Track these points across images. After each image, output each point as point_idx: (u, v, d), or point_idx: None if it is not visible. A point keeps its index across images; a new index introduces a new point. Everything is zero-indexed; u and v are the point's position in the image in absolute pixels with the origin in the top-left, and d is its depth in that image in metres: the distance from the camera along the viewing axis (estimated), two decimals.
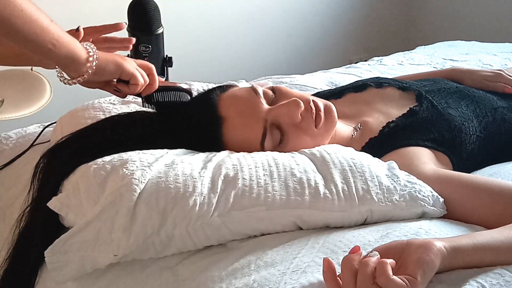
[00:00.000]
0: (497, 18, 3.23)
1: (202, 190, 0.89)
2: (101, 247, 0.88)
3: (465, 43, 2.23)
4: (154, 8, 1.55)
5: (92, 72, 0.95)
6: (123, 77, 1.00)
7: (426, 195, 0.92)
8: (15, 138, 1.32)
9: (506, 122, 1.21)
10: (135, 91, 1.03)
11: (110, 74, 0.99)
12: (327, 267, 0.71)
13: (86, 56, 0.94)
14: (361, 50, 3.56)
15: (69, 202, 0.95)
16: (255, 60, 3.18)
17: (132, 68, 1.00)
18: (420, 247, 0.70)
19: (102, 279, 0.91)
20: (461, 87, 1.29)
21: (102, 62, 0.96)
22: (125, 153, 0.98)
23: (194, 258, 0.89)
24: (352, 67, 1.96)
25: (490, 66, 1.83)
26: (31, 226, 1.00)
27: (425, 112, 1.17)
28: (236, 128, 1.05)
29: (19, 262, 0.99)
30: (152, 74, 1.05)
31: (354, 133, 1.17)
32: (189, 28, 2.87)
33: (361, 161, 0.95)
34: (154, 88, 1.06)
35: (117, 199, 0.88)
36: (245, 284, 0.77)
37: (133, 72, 1.00)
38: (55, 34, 0.89)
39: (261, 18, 3.16)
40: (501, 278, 0.73)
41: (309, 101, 1.08)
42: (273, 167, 0.93)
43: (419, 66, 1.93)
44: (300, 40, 3.34)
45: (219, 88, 1.14)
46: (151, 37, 1.57)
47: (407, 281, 0.66)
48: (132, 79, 1.01)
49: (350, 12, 3.49)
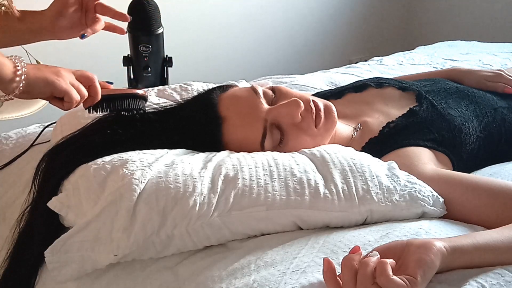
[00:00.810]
0: (497, 18, 3.23)
1: (202, 190, 0.89)
2: (101, 247, 0.88)
3: (465, 43, 2.24)
4: (154, 8, 1.56)
5: (19, 92, 0.90)
6: (55, 95, 0.95)
7: (426, 195, 0.92)
8: (15, 138, 1.32)
9: (506, 122, 1.21)
10: (70, 108, 0.97)
11: (40, 92, 0.94)
12: (327, 267, 0.71)
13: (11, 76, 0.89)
14: (361, 50, 3.56)
15: (69, 202, 0.95)
16: (255, 60, 3.18)
17: (65, 85, 0.93)
18: (420, 247, 0.70)
19: (102, 279, 0.91)
20: (461, 87, 1.29)
21: (31, 81, 0.91)
22: (125, 153, 0.98)
23: (194, 258, 0.89)
24: (352, 67, 1.96)
25: (490, 66, 1.83)
26: (31, 226, 1.00)
27: (425, 112, 1.17)
28: (236, 128, 1.05)
29: (19, 262, 0.99)
30: (93, 85, 0.99)
31: (354, 133, 1.17)
32: (189, 28, 2.87)
33: (361, 161, 0.95)
34: (96, 100, 1.00)
35: (117, 199, 0.88)
36: (245, 284, 0.77)
37: (66, 89, 0.93)
38: None
39: (261, 18, 3.16)
40: (501, 278, 0.73)
41: (309, 101, 1.08)
42: (273, 167, 0.93)
43: (419, 66, 1.93)
44: (300, 40, 3.34)
45: (219, 88, 1.14)
46: (151, 37, 1.57)
47: (407, 281, 0.66)
48: (65, 96, 0.94)
49: (350, 12, 3.49)
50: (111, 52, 1.96)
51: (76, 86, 0.96)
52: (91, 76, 0.99)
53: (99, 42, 2.22)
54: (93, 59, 2.57)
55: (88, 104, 1.00)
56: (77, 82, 0.96)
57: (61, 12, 1.10)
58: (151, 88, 1.39)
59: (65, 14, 1.10)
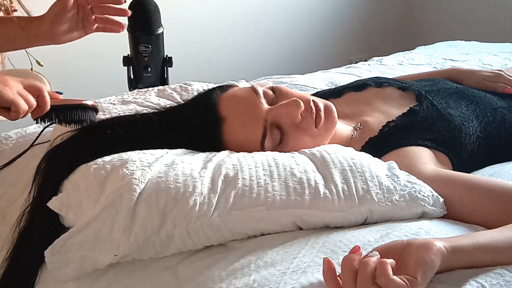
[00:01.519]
0: (497, 18, 3.23)
1: (202, 190, 0.89)
2: (101, 247, 0.88)
3: (465, 43, 2.23)
4: (154, 8, 1.56)
5: None
6: (2, 105, 0.93)
7: (426, 195, 0.92)
8: (15, 138, 1.32)
9: (506, 122, 1.21)
10: (17, 118, 0.95)
11: None
12: (327, 267, 0.71)
13: None
14: (361, 50, 3.56)
15: (69, 202, 0.95)
16: (255, 60, 3.18)
17: (11, 94, 0.92)
18: (420, 247, 0.70)
19: (102, 279, 0.91)
20: (461, 87, 1.29)
21: None
22: (125, 153, 0.98)
23: (194, 258, 0.89)
24: (352, 67, 1.96)
25: (490, 66, 1.83)
26: (31, 226, 1.00)
27: (425, 112, 1.17)
28: (236, 128, 1.05)
29: (19, 262, 0.99)
30: (41, 95, 0.97)
31: (354, 133, 1.17)
32: (189, 28, 2.87)
33: (361, 161, 0.95)
34: (44, 110, 0.98)
35: (117, 199, 0.88)
36: (245, 284, 0.77)
37: (12, 99, 0.92)
38: None
39: (261, 18, 3.16)
40: (501, 278, 0.73)
41: (309, 101, 1.08)
42: (273, 167, 0.93)
43: (419, 66, 1.93)
44: (300, 40, 3.34)
45: (219, 88, 1.14)
46: (151, 37, 1.57)
47: (407, 281, 0.66)
48: (12, 106, 0.93)
49: (350, 12, 3.49)
50: (111, 52, 1.96)
51: (23, 96, 0.94)
52: (40, 86, 0.97)
53: (99, 42, 2.23)
54: (93, 59, 2.57)
55: (37, 114, 0.98)
56: (24, 92, 0.94)
57: (60, 16, 1.11)
58: (151, 88, 1.39)
59: (64, 18, 1.12)
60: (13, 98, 0.92)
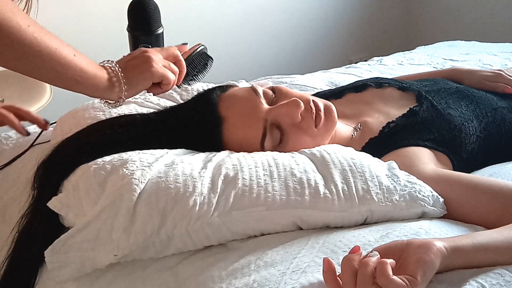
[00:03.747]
0: (497, 18, 3.23)
1: (202, 190, 0.89)
2: (101, 247, 0.88)
3: (465, 43, 2.23)
4: (154, 8, 1.56)
5: (125, 96, 0.94)
6: (154, 81, 0.98)
7: (426, 195, 0.92)
8: (15, 138, 1.32)
9: (506, 122, 1.21)
10: (168, 89, 1.01)
11: (142, 86, 0.98)
12: (327, 267, 0.71)
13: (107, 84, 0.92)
14: (361, 50, 3.56)
15: (69, 202, 0.95)
16: (255, 60, 3.18)
17: (160, 69, 0.97)
18: (420, 247, 0.70)
19: (102, 279, 0.91)
20: (461, 87, 1.29)
21: (131, 81, 0.94)
22: (125, 153, 0.98)
23: (194, 258, 0.89)
24: (352, 67, 1.96)
25: (490, 66, 1.83)
26: (31, 226, 1.00)
27: (425, 112, 1.17)
28: (236, 128, 1.05)
29: (19, 262, 0.99)
30: (179, 61, 1.02)
31: (354, 133, 1.17)
32: (189, 28, 2.87)
33: (361, 161, 0.95)
34: (184, 74, 1.03)
35: (117, 199, 0.88)
36: (245, 284, 0.77)
37: (162, 73, 0.97)
38: (77, 70, 0.87)
39: (261, 18, 3.15)
40: (501, 278, 0.73)
41: (309, 101, 1.08)
42: (273, 167, 0.93)
43: (419, 66, 1.92)
44: (300, 40, 3.34)
45: (219, 88, 1.14)
46: (151, 37, 1.57)
47: (407, 281, 0.66)
48: (163, 80, 0.98)
49: (350, 12, 3.49)
50: (111, 52, 1.96)
51: (168, 67, 0.99)
52: (176, 53, 1.02)
53: (99, 42, 2.23)
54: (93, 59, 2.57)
55: (180, 80, 1.02)
56: (167, 62, 0.99)
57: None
58: None
59: None
60: (162, 73, 0.97)
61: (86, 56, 0.90)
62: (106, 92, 0.93)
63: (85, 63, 0.89)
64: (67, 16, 2.43)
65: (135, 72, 0.96)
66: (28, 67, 0.84)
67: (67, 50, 0.86)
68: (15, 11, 0.79)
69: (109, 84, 0.92)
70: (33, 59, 0.82)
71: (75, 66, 0.87)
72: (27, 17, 0.81)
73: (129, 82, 0.94)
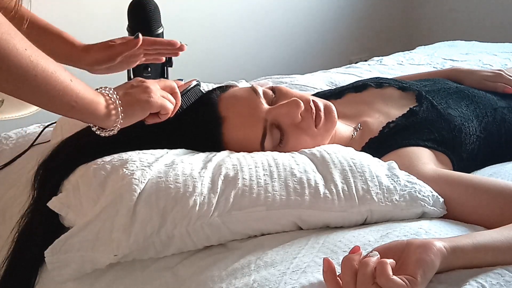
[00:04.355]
0: (497, 18, 3.23)
1: (202, 190, 0.89)
2: (101, 247, 0.88)
3: (465, 43, 2.23)
4: (154, 8, 1.56)
5: (120, 124, 0.93)
6: (152, 111, 0.97)
7: (426, 195, 0.92)
8: (15, 138, 1.32)
9: (506, 122, 1.21)
10: (166, 118, 1.00)
11: (140, 116, 0.96)
12: (327, 267, 0.71)
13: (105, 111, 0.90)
14: (361, 50, 3.56)
15: (69, 202, 0.95)
16: (255, 60, 3.18)
17: (159, 100, 0.96)
18: (420, 247, 0.70)
19: (102, 279, 0.91)
20: (461, 87, 1.29)
21: (127, 110, 0.93)
22: (125, 153, 0.98)
23: (194, 258, 0.89)
24: (352, 67, 1.96)
25: (490, 66, 1.83)
26: (31, 226, 1.00)
27: (425, 112, 1.17)
28: (236, 128, 1.05)
29: (19, 262, 0.99)
30: (175, 93, 1.02)
31: (354, 133, 1.17)
32: (189, 28, 2.87)
33: (361, 161, 0.95)
34: (178, 106, 1.03)
35: (117, 199, 0.88)
36: (245, 284, 0.77)
37: (161, 104, 0.96)
38: (73, 95, 0.85)
39: (261, 18, 3.16)
40: (501, 278, 0.73)
41: (309, 101, 1.08)
42: (273, 167, 0.93)
43: (419, 66, 1.93)
44: (300, 40, 3.34)
45: (219, 88, 1.14)
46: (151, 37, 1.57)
47: (407, 281, 0.66)
48: (161, 110, 0.97)
49: (350, 12, 3.49)
50: None
51: (166, 97, 0.98)
52: (173, 84, 1.02)
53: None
54: None
55: (174, 112, 1.01)
56: (165, 93, 0.98)
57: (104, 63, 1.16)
58: None
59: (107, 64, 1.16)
60: (161, 103, 0.96)
61: (82, 81, 0.87)
62: (102, 119, 0.90)
63: (82, 89, 0.86)
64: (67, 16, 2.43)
65: (134, 101, 0.94)
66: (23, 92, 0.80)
67: (64, 75, 0.83)
68: (12, 33, 0.75)
69: (106, 111, 0.90)
70: (29, 83, 0.79)
71: (72, 92, 0.84)
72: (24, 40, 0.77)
73: (126, 111, 0.92)
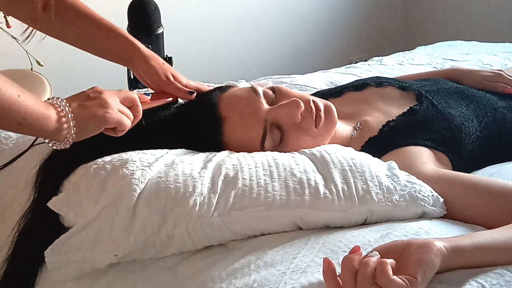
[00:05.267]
0: (497, 18, 3.23)
1: (202, 190, 0.89)
2: (101, 247, 0.88)
3: (465, 43, 2.23)
4: (154, 8, 1.56)
5: (72, 139, 0.88)
6: (108, 127, 0.92)
7: (426, 195, 0.92)
8: (15, 138, 1.32)
9: (506, 122, 1.21)
10: (122, 134, 0.95)
11: (94, 131, 0.91)
12: (327, 267, 0.71)
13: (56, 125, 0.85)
14: (361, 50, 3.56)
15: (69, 202, 0.95)
16: (255, 60, 3.18)
17: (116, 115, 0.91)
18: (420, 247, 0.70)
19: (102, 279, 0.91)
20: (461, 87, 1.29)
21: (81, 124, 0.88)
22: (125, 153, 0.98)
23: (194, 258, 0.89)
24: (352, 67, 1.96)
25: (490, 66, 1.83)
26: (31, 226, 1.00)
27: (425, 111, 1.17)
28: (236, 128, 1.05)
29: (19, 262, 0.99)
30: (135, 105, 0.97)
31: (354, 133, 1.17)
32: (189, 28, 2.87)
33: (361, 161, 0.95)
34: (138, 119, 0.98)
35: (117, 199, 0.88)
36: (245, 284, 0.77)
37: (117, 120, 0.91)
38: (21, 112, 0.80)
39: (261, 18, 3.15)
40: (501, 278, 0.73)
41: (309, 101, 1.08)
42: (273, 167, 0.93)
43: (419, 66, 1.92)
44: (300, 40, 3.34)
45: (219, 88, 1.14)
46: (151, 37, 1.57)
47: (407, 281, 0.66)
48: (118, 126, 0.92)
49: (350, 12, 3.49)
50: None
51: (124, 112, 0.93)
52: (133, 97, 0.97)
53: None
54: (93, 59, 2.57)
55: (132, 125, 0.97)
56: (123, 107, 0.94)
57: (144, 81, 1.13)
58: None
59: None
60: (118, 119, 0.91)
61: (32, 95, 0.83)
62: (52, 134, 0.86)
63: (31, 104, 0.81)
64: None
65: (89, 116, 0.89)
66: None
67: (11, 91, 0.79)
68: None
69: (57, 125, 0.85)
70: None
71: (19, 108, 0.80)
72: None
73: (79, 126, 0.88)
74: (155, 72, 1.10)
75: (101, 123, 0.90)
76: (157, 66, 1.11)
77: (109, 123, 0.91)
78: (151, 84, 1.12)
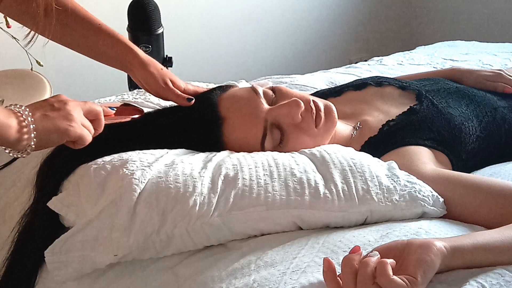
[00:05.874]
0: (497, 18, 3.23)
1: (202, 190, 0.89)
2: (101, 247, 0.88)
3: (465, 43, 2.23)
4: (154, 8, 1.56)
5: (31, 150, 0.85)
6: (70, 139, 0.90)
7: (426, 195, 0.92)
8: None
9: (506, 122, 1.21)
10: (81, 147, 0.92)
11: (54, 143, 0.90)
12: (327, 267, 0.71)
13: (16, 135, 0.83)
14: (361, 50, 3.56)
15: (69, 202, 0.95)
16: (255, 60, 3.18)
17: (78, 130, 0.89)
18: (420, 247, 0.70)
19: (102, 279, 0.91)
20: (461, 87, 1.29)
21: (42, 135, 0.85)
22: (125, 153, 0.98)
23: (194, 258, 0.89)
24: (352, 67, 1.96)
25: (490, 66, 1.82)
26: (31, 226, 1.00)
27: (426, 111, 1.17)
28: (236, 128, 1.05)
29: (19, 262, 0.99)
30: (98, 119, 0.95)
31: (354, 132, 1.17)
32: (189, 28, 2.87)
33: (361, 161, 0.95)
34: (99, 132, 0.96)
35: (117, 199, 0.88)
36: (245, 284, 0.77)
37: (79, 134, 0.89)
38: None
39: (261, 18, 3.15)
40: (501, 278, 0.73)
41: (309, 101, 1.08)
42: (273, 167, 0.93)
43: (419, 66, 1.92)
44: (300, 40, 3.34)
45: (219, 88, 1.14)
46: (151, 37, 1.57)
47: (407, 281, 0.66)
48: (79, 140, 0.90)
49: (350, 12, 3.49)
50: None
51: (87, 127, 0.92)
52: (98, 110, 0.95)
53: None
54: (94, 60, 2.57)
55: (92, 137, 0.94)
56: (86, 122, 0.92)
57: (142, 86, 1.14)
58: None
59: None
60: (80, 133, 0.89)
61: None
62: (11, 144, 0.83)
63: None
64: None
65: (51, 128, 0.86)
66: None
67: None
68: None
69: (18, 136, 0.83)
70: None
71: None
72: None
73: (40, 137, 0.85)
74: (154, 79, 1.11)
75: (63, 136, 0.88)
76: (156, 73, 1.11)
77: (71, 137, 0.89)
78: (149, 90, 1.13)
